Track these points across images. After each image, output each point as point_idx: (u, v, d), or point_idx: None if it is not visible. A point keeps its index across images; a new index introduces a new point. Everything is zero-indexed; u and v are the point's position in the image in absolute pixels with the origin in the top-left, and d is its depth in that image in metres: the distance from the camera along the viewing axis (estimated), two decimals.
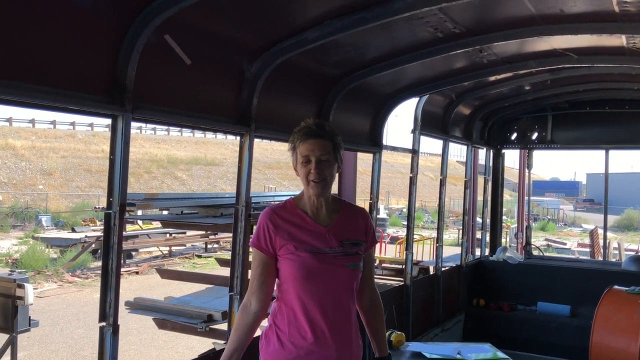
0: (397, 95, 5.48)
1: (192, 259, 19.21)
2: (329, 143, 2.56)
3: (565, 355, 6.77)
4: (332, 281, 2.54)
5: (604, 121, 7.50)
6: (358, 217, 2.73)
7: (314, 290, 2.52)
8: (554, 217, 44.57)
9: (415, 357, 4.63)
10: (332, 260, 2.54)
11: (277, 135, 4.24)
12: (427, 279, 7.63)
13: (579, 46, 4.70)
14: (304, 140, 2.55)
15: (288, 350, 2.51)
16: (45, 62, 2.58)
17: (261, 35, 3.65)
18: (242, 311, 2.60)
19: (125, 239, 17.01)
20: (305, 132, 2.56)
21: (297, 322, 2.52)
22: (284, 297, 2.57)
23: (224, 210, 6.23)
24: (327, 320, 2.52)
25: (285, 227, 2.57)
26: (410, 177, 6.05)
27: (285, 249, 2.54)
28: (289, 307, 2.54)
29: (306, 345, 2.50)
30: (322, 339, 2.51)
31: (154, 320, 6.11)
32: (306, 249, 2.53)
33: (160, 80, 3.24)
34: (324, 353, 2.52)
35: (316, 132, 2.55)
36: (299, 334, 2.51)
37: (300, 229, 2.57)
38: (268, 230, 2.57)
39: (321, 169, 2.53)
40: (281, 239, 2.55)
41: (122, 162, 2.90)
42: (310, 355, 2.51)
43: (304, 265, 2.51)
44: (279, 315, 2.57)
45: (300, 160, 2.55)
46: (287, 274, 2.54)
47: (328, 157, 2.55)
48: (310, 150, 2.53)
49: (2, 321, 6.40)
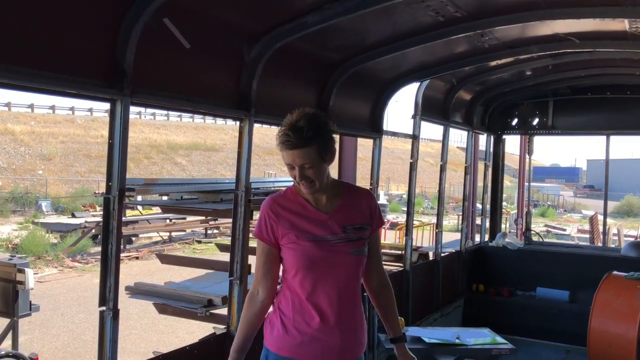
0: (397, 81, 5.44)
1: (192, 244, 19.26)
2: (310, 149, 2.40)
3: (563, 340, 6.82)
4: (335, 268, 2.52)
5: (605, 107, 7.46)
6: (361, 199, 2.65)
7: (317, 278, 2.50)
8: (554, 203, 44.62)
9: (414, 342, 4.65)
10: (335, 248, 2.52)
11: (277, 120, 4.19)
12: (426, 264, 7.65)
13: (581, 31, 4.66)
14: (283, 150, 2.43)
15: (292, 335, 2.51)
16: (43, 46, 2.56)
17: (261, 19, 3.62)
18: (250, 300, 2.61)
19: (125, 224, 17.03)
20: (283, 141, 2.41)
21: (302, 309, 2.51)
22: (289, 284, 2.56)
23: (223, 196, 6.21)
24: (332, 308, 2.50)
25: (286, 216, 2.54)
26: (411, 163, 6.04)
27: (286, 238, 2.52)
28: (294, 294, 2.53)
29: (310, 332, 2.49)
30: (326, 326, 2.50)
31: (154, 305, 6.12)
32: (307, 238, 2.50)
33: (159, 64, 3.22)
34: (328, 340, 2.50)
35: (295, 144, 2.39)
36: (303, 321, 2.50)
37: (301, 217, 2.54)
38: (269, 220, 2.54)
39: (306, 175, 2.44)
40: (282, 228, 2.52)
41: (121, 146, 2.89)
42: (314, 341, 2.50)
43: (305, 254, 2.49)
44: (284, 300, 2.56)
45: (289, 165, 2.46)
46: (290, 263, 2.53)
47: (311, 163, 2.42)
48: (291, 160, 2.42)
49: (3, 306, 6.43)
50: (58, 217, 22.02)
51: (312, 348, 2.49)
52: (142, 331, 9.45)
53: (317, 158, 2.43)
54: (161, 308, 6.08)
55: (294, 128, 2.40)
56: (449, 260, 7.30)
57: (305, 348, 2.50)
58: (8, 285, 6.43)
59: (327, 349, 2.50)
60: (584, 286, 6.72)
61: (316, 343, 2.49)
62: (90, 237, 17.27)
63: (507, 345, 4.71)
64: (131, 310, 9.76)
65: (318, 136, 2.42)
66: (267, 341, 2.58)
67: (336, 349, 2.51)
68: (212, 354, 3.69)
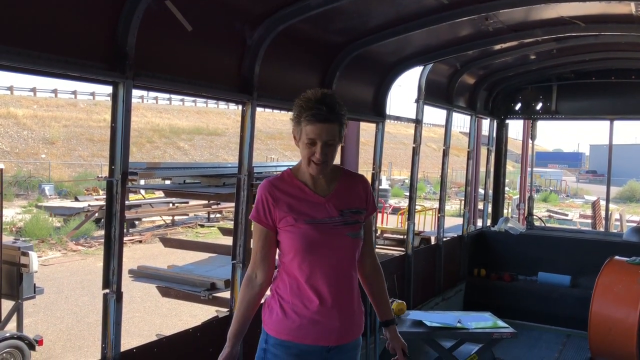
0: (401, 64, 5.41)
1: (194, 228, 19.31)
2: (337, 126, 2.43)
3: (565, 324, 6.85)
4: (333, 251, 2.53)
5: (609, 91, 7.42)
6: (357, 184, 2.68)
7: (315, 261, 2.50)
8: (556, 189, 44.56)
9: (416, 326, 4.68)
10: (332, 230, 2.52)
11: (279, 103, 4.20)
12: (428, 248, 7.67)
13: (587, 14, 4.62)
14: (311, 123, 2.40)
15: (291, 319, 2.51)
16: (45, 28, 2.55)
17: (263, 2, 3.59)
18: (248, 283, 2.59)
19: (128, 208, 17.08)
20: (314, 114, 2.39)
21: (300, 292, 2.52)
22: (287, 267, 2.55)
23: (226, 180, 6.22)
24: (330, 290, 2.51)
25: (284, 199, 2.53)
26: (413, 147, 6.02)
27: (284, 221, 2.51)
28: (291, 277, 2.53)
29: (309, 315, 2.50)
30: (325, 309, 2.51)
31: (158, 288, 6.16)
32: (306, 220, 2.50)
33: (161, 47, 3.20)
34: (327, 322, 2.51)
35: (326, 117, 2.39)
36: (302, 304, 2.51)
37: (299, 200, 2.54)
38: (267, 203, 2.53)
39: (325, 153, 2.44)
40: (280, 211, 2.51)
41: (123, 129, 2.89)
42: (313, 324, 2.50)
43: (304, 237, 2.49)
44: (282, 284, 2.56)
45: (305, 141, 2.44)
46: (288, 246, 2.53)
47: (334, 140, 2.44)
48: (317, 135, 2.41)
49: (8, 288, 6.49)
50: (61, 201, 22.07)
51: (312, 331, 2.51)
52: (145, 314, 9.52)
53: (338, 136, 2.46)
54: (164, 291, 6.12)
55: (324, 102, 2.41)
56: (451, 244, 7.31)
57: (304, 331, 2.51)
58: (12, 268, 6.48)
59: (326, 331, 2.52)
60: (585, 271, 6.74)
61: (315, 326, 2.50)
62: (94, 220, 17.33)
63: (508, 329, 4.74)
64: (134, 293, 9.82)
65: (344, 115, 2.47)
66: (266, 325, 2.59)
67: (335, 331, 2.53)
68: (215, 337, 3.71)
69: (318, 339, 2.52)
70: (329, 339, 2.53)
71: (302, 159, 2.51)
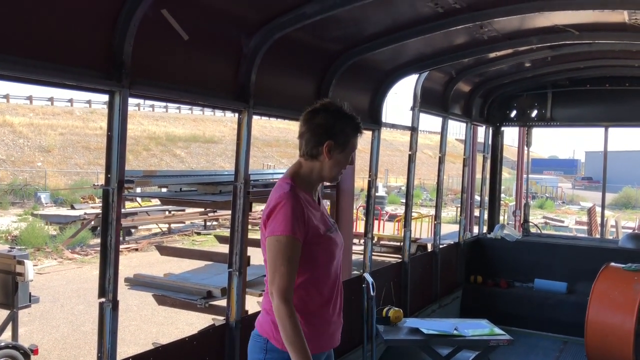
0: (396, 72, 5.44)
1: (191, 236, 19.27)
2: None
3: (561, 331, 6.85)
4: (339, 261, 2.66)
5: (604, 98, 7.46)
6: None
7: (333, 272, 2.59)
8: (552, 195, 44.66)
9: (412, 333, 4.67)
10: (336, 237, 2.63)
11: (275, 111, 4.22)
12: (425, 255, 7.67)
13: (580, 22, 4.66)
14: (358, 135, 2.58)
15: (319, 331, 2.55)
16: (41, 37, 2.55)
17: (259, 10, 3.60)
18: (293, 311, 2.35)
19: (124, 216, 17.03)
20: (357, 127, 2.57)
21: (317, 304, 2.54)
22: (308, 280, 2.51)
23: (222, 188, 6.22)
24: (340, 300, 2.64)
25: (309, 212, 2.48)
26: (409, 155, 6.04)
27: (313, 232, 2.45)
28: (316, 289, 2.53)
29: (331, 325, 2.60)
30: (337, 319, 2.62)
31: (154, 296, 6.14)
32: (326, 231, 2.57)
33: (158, 55, 3.21)
34: (336, 331, 2.63)
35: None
36: (321, 315, 2.56)
37: (315, 211, 2.57)
38: (301, 215, 2.40)
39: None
40: (311, 222, 2.47)
41: (119, 138, 2.89)
42: (325, 335, 2.59)
43: (329, 249, 2.56)
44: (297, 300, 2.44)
45: (350, 152, 2.58)
46: (316, 259, 2.49)
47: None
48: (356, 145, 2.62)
49: (3, 297, 6.44)
50: (57, 209, 22.01)
51: (323, 340, 2.59)
52: (142, 322, 9.47)
53: None
54: (160, 299, 6.10)
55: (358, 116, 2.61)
56: (448, 251, 7.32)
57: (330, 339, 2.61)
58: (8, 277, 6.44)
59: (334, 338, 2.63)
60: (581, 277, 6.75)
61: (326, 336, 2.60)
62: (90, 228, 17.27)
63: (505, 336, 4.73)
64: (130, 301, 9.78)
65: None
66: (274, 340, 2.49)
67: (337, 336, 2.66)
68: (212, 346, 3.71)
69: (323, 347, 2.60)
70: (331, 345, 2.65)
71: (335, 167, 2.55)
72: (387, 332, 4.64)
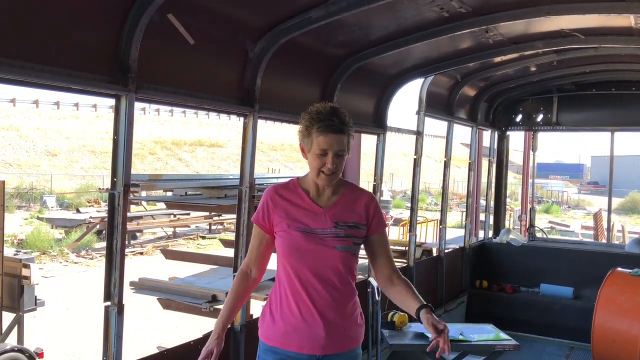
0: (402, 76, 5.44)
1: (196, 240, 19.30)
2: (346, 137, 2.52)
3: (567, 337, 6.82)
4: (320, 261, 2.56)
5: (610, 103, 7.44)
6: (361, 200, 2.69)
7: (301, 269, 2.56)
8: (557, 200, 44.49)
9: (418, 338, 4.66)
10: (322, 241, 2.56)
11: (281, 116, 4.22)
12: (430, 260, 7.65)
13: (587, 26, 4.65)
14: (324, 134, 2.48)
15: (278, 325, 2.59)
16: (48, 41, 2.57)
17: (265, 15, 3.61)
18: (243, 276, 2.70)
19: (130, 219, 17.07)
20: (327, 125, 2.48)
21: (286, 299, 2.59)
22: (278, 273, 2.65)
23: (227, 192, 6.24)
24: (314, 299, 2.55)
25: (282, 205, 2.62)
26: (415, 159, 6.03)
27: (279, 227, 2.61)
28: (281, 284, 2.62)
29: (294, 321, 2.56)
30: (309, 316, 2.55)
31: (159, 300, 6.15)
32: (298, 228, 2.57)
33: (164, 60, 3.22)
34: (310, 330, 2.55)
35: (338, 128, 2.49)
36: (288, 310, 2.58)
37: (296, 207, 2.62)
38: (267, 206, 2.64)
39: (335, 163, 2.51)
40: (277, 216, 2.61)
41: (125, 142, 2.90)
42: (296, 331, 2.55)
43: (292, 244, 2.57)
44: (273, 291, 2.66)
45: (316, 152, 2.50)
46: (279, 251, 2.63)
47: (344, 150, 2.53)
48: (329, 145, 2.48)
49: (9, 300, 6.47)
50: (63, 213, 22.07)
51: (295, 337, 2.56)
52: (146, 326, 9.48)
53: (347, 147, 2.55)
54: (165, 303, 6.11)
55: (336, 113, 2.52)
56: (453, 256, 7.30)
57: (288, 337, 2.57)
58: (14, 281, 6.47)
59: (309, 339, 2.55)
60: (587, 283, 6.71)
61: (298, 332, 2.56)
62: (95, 232, 17.32)
63: (511, 341, 4.71)
64: (135, 305, 9.79)
65: (352, 127, 2.57)
66: (259, 332, 2.67)
67: (319, 340, 2.55)
68: None
69: (301, 347, 2.56)
70: (313, 348, 2.56)
71: (311, 170, 2.56)
72: (392, 337, 4.63)
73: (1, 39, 2.37)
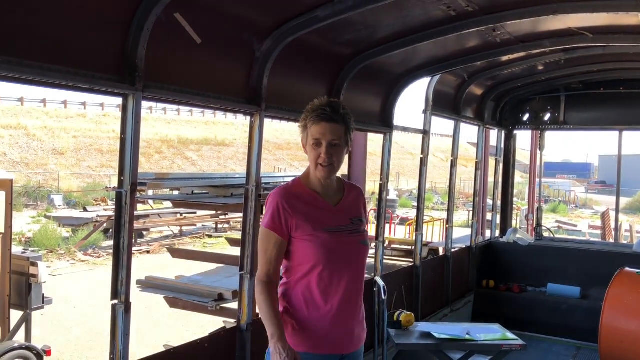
0: (408, 75, 5.42)
1: (202, 238, 19.34)
2: (341, 127, 2.51)
3: (575, 337, 6.79)
4: (349, 259, 2.57)
5: (618, 102, 7.40)
6: (358, 194, 2.76)
7: (334, 269, 2.53)
8: (565, 199, 44.30)
9: (424, 337, 4.65)
10: (348, 238, 2.57)
11: (287, 115, 4.22)
12: (436, 259, 7.64)
13: (595, 25, 4.62)
14: (316, 123, 2.49)
15: (307, 331, 2.53)
16: (55, 40, 2.58)
17: (271, 14, 3.61)
18: (270, 286, 2.52)
19: (137, 218, 17.13)
20: (319, 114, 2.49)
21: (315, 303, 2.53)
22: (300, 278, 2.55)
23: (234, 191, 6.23)
24: (346, 297, 2.55)
25: (300, 208, 2.54)
26: (421, 158, 6.02)
27: (301, 230, 2.52)
28: (306, 288, 2.54)
29: (326, 325, 2.52)
30: (339, 318, 2.54)
31: (165, 298, 6.17)
32: (323, 229, 2.53)
33: (171, 59, 3.23)
34: (342, 331, 2.55)
35: (330, 116, 2.49)
36: (318, 314, 2.53)
37: (315, 208, 2.57)
38: (283, 211, 2.52)
39: (330, 154, 2.50)
40: (298, 220, 2.52)
41: (133, 141, 2.90)
42: (329, 334, 2.53)
43: (324, 245, 2.51)
44: (294, 297, 2.57)
45: (311, 142, 2.51)
46: (306, 256, 2.52)
47: (339, 141, 2.51)
48: (321, 134, 2.48)
49: (17, 298, 6.50)
50: (70, 211, 22.18)
51: (329, 340, 2.54)
52: (153, 325, 9.51)
53: (344, 138, 2.53)
54: (172, 302, 6.12)
55: (330, 104, 2.53)
56: (459, 255, 7.28)
57: (321, 341, 2.53)
58: (21, 279, 6.50)
59: (341, 339, 2.56)
60: (595, 282, 6.68)
61: (331, 335, 2.53)
62: (102, 231, 17.39)
63: (518, 341, 4.69)
64: (142, 303, 9.82)
65: (349, 118, 2.55)
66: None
67: (351, 335, 2.59)
68: (223, 348, 3.71)
69: (334, 348, 2.55)
70: (343, 347, 2.56)
71: (310, 163, 2.56)
72: (398, 336, 4.62)
73: (10, 38, 2.38)
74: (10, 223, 6.44)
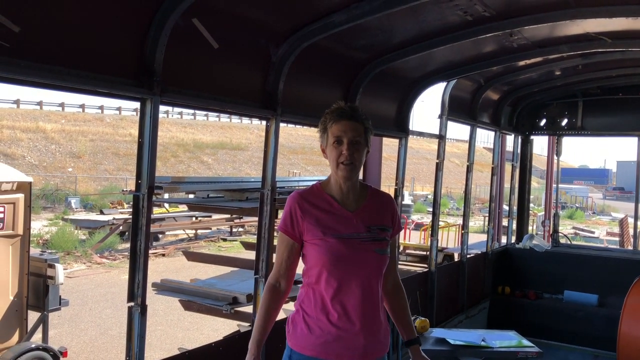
0: (424, 80, 5.41)
1: (217, 242, 19.41)
2: (361, 126, 2.54)
3: (592, 345, 6.70)
4: (360, 267, 2.53)
5: (636, 107, 7.31)
6: (385, 202, 2.70)
7: (341, 276, 2.50)
8: (582, 205, 43.82)
9: (439, 344, 4.63)
10: (360, 246, 2.52)
11: (303, 119, 4.23)
12: (452, 265, 7.59)
13: (613, 30, 4.57)
14: (337, 121, 2.53)
15: (316, 334, 2.50)
16: (74, 45, 2.62)
17: (288, 19, 3.63)
18: (272, 291, 2.61)
19: (152, 221, 17.19)
20: (339, 113, 2.54)
21: (325, 308, 2.51)
22: (312, 282, 2.55)
23: (249, 195, 6.26)
24: (356, 306, 2.50)
25: (312, 212, 2.54)
26: (437, 163, 6.00)
27: (311, 234, 2.52)
28: (317, 293, 2.53)
29: (334, 331, 2.49)
30: (350, 325, 2.49)
31: (180, 301, 6.20)
32: (333, 235, 2.50)
33: (188, 64, 3.26)
34: (351, 339, 2.50)
35: (350, 114, 2.54)
36: (327, 319, 2.50)
37: (327, 213, 2.55)
38: (295, 214, 2.55)
39: (352, 152, 2.51)
40: (308, 224, 2.53)
41: (150, 145, 2.93)
42: (338, 340, 2.49)
43: (331, 251, 2.49)
44: (307, 300, 2.56)
45: (332, 141, 2.52)
46: (315, 260, 2.53)
47: (360, 139, 2.53)
48: (342, 132, 2.51)
49: (34, 300, 6.58)
50: (87, 214, 22.39)
51: (336, 347, 2.49)
52: (168, 327, 9.57)
53: (364, 138, 2.56)
54: (187, 305, 6.15)
55: (350, 106, 2.61)
56: (475, 261, 7.23)
57: (328, 346, 2.49)
58: (39, 280, 6.58)
59: (351, 348, 2.49)
60: (613, 290, 6.59)
61: (340, 342, 2.49)
62: (118, 233, 17.53)
63: (534, 348, 4.65)
64: (157, 306, 9.89)
65: (367, 120, 2.59)
66: (290, 341, 2.58)
67: (360, 348, 2.50)
68: (237, 352, 3.71)
69: (342, 355, 2.50)
70: (353, 356, 2.50)
71: (331, 164, 2.56)
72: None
73: (30, 44, 2.42)
74: (29, 225, 6.53)
